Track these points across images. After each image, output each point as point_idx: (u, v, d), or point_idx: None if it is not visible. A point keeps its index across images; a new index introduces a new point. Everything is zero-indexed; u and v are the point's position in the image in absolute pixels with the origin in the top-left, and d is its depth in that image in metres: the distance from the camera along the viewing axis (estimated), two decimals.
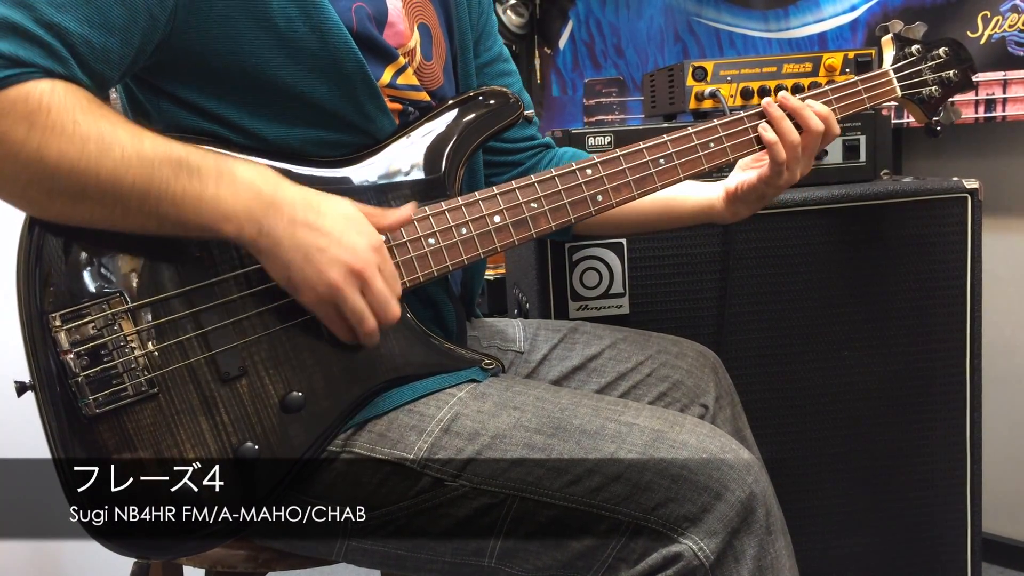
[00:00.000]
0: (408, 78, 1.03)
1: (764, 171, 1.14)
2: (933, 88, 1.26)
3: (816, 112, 1.12)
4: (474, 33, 1.19)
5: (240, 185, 0.85)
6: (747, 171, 1.18)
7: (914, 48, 1.26)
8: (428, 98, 1.06)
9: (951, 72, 1.26)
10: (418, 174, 1.00)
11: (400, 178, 1.00)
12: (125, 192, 0.81)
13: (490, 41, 1.24)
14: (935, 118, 1.30)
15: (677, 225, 1.27)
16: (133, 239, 0.87)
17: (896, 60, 1.25)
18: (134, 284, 0.87)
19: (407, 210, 0.94)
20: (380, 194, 0.98)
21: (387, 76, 1.01)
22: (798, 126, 1.12)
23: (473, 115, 1.05)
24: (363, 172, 0.99)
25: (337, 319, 0.90)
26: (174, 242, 0.88)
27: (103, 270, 0.87)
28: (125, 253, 0.87)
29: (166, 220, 0.84)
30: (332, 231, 0.87)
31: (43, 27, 0.79)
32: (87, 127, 0.80)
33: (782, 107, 1.12)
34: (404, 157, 1.01)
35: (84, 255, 0.86)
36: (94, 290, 0.86)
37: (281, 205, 0.86)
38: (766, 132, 1.11)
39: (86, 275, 0.86)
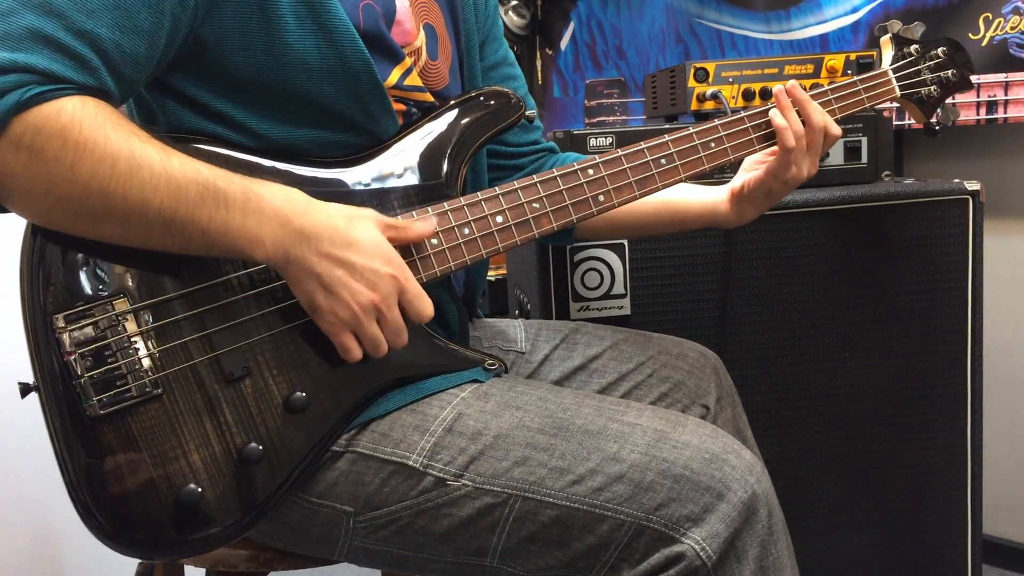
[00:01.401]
0: (413, 79, 1.04)
1: (772, 163, 1.14)
2: (932, 88, 1.27)
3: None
4: (480, 35, 1.20)
5: (267, 214, 0.85)
6: (753, 169, 1.18)
7: (912, 48, 1.26)
8: (432, 99, 1.06)
9: (949, 72, 1.27)
10: (421, 174, 1.01)
11: (402, 179, 1.00)
12: (152, 216, 0.81)
13: (496, 44, 1.24)
14: (934, 118, 1.30)
15: (681, 229, 1.27)
16: None
17: (895, 60, 1.26)
18: (138, 285, 0.87)
19: (430, 223, 0.95)
20: (382, 195, 0.98)
21: (394, 77, 1.01)
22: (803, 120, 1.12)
23: (474, 115, 1.05)
24: (366, 173, 0.99)
25: (352, 344, 0.90)
26: None
27: (107, 271, 0.87)
28: (129, 254, 0.87)
29: (191, 243, 0.84)
30: (356, 262, 0.87)
31: (76, 36, 0.79)
32: (118, 143, 0.79)
33: (790, 96, 1.12)
34: (407, 158, 1.01)
35: (88, 256, 0.86)
36: (98, 291, 0.86)
37: (309, 236, 0.86)
38: (777, 117, 1.11)
39: (90, 276, 0.86)
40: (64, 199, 0.79)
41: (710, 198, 1.22)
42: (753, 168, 1.19)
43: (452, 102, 1.05)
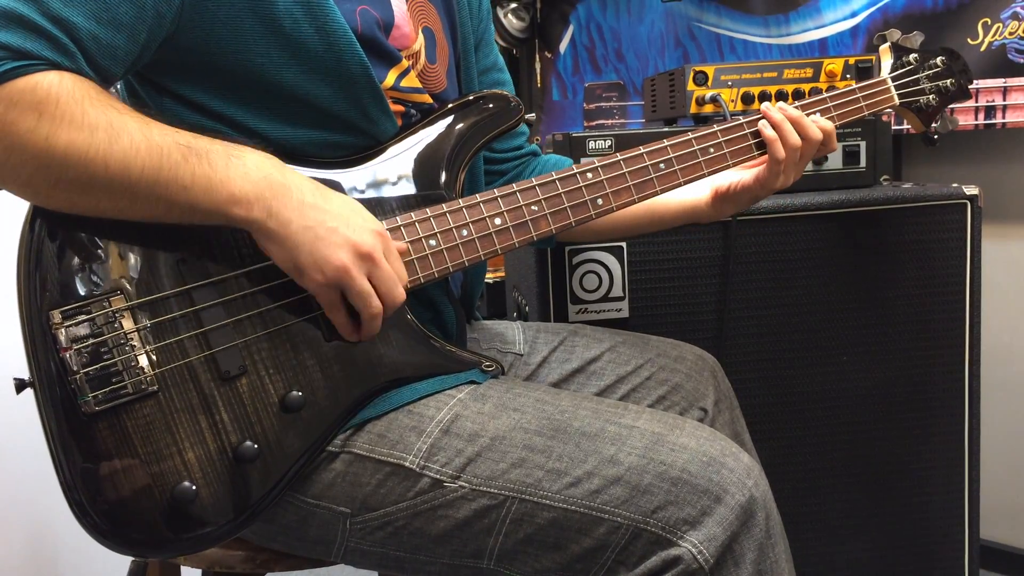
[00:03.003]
0: (411, 80, 1.04)
1: (761, 172, 1.14)
2: (931, 97, 1.27)
3: (820, 127, 1.13)
4: (475, 38, 1.20)
5: (250, 168, 0.85)
6: (741, 170, 1.18)
7: (911, 57, 1.27)
8: (431, 100, 1.06)
9: (948, 81, 1.27)
10: (419, 177, 1.01)
11: (401, 180, 1.00)
12: (134, 179, 0.81)
13: (487, 49, 1.24)
14: (932, 126, 1.30)
15: (660, 227, 1.27)
16: (135, 237, 0.87)
17: (894, 68, 1.26)
18: (135, 282, 0.87)
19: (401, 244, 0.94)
20: (380, 196, 0.98)
21: (391, 79, 1.01)
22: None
23: (474, 118, 1.05)
24: (364, 174, 0.99)
25: (340, 305, 0.89)
26: (176, 240, 0.88)
27: (104, 267, 0.86)
28: (126, 251, 0.87)
29: (175, 205, 0.84)
30: (340, 213, 0.88)
31: (50, 21, 0.79)
32: (96, 116, 0.80)
33: (782, 113, 1.12)
34: (405, 160, 1.01)
35: (85, 252, 0.86)
36: (95, 287, 0.86)
37: (290, 187, 0.86)
38: (766, 129, 1.12)
39: (87, 272, 0.86)
40: (43, 169, 0.79)
41: (691, 196, 1.22)
42: (741, 168, 1.19)
43: (451, 105, 1.05)
